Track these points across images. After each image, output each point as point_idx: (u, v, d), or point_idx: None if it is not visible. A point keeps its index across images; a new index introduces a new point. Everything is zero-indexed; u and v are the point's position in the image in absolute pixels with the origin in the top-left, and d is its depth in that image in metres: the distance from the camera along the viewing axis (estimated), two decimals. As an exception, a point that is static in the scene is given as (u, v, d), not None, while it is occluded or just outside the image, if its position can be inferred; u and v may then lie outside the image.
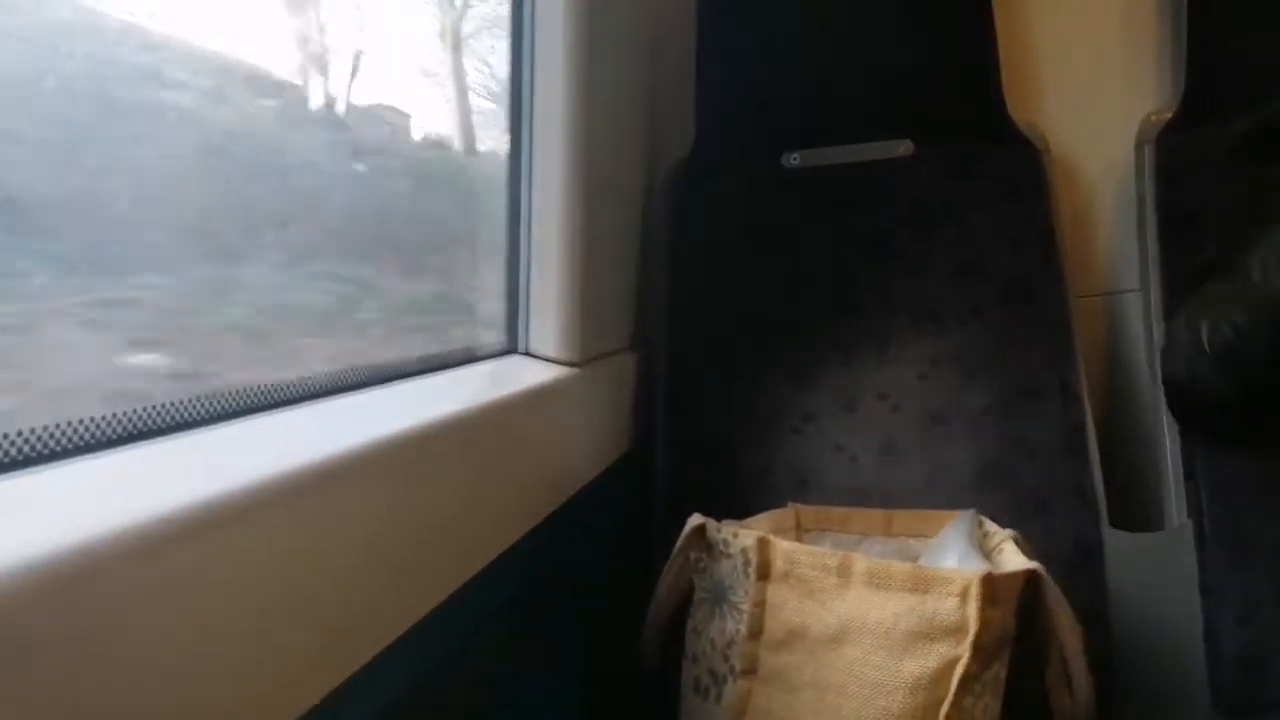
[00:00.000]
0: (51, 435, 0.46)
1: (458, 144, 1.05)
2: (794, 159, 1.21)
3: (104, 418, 0.50)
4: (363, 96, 0.80)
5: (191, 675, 0.42)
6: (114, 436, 0.50)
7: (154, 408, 0.53)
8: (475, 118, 1.04)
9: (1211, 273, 0.97)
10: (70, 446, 0.47)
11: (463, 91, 1.03)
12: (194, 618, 0.42)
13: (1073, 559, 1.04)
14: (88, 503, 0.41)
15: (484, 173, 1.04)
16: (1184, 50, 1.15)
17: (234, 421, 0.59)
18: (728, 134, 1.25)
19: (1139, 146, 1.16)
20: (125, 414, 0.51)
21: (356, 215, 0.78)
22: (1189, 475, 1.05)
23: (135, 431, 0.52)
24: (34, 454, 0.45)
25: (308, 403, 0.67)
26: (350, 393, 0.72)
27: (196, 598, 0.42)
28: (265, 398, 0.64)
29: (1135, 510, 1.10)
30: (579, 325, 1.02)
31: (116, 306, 0.54)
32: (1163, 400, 1.07)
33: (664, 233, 1.24)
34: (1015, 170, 1.16)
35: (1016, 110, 1.19)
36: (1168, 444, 1.07)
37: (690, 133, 1.26)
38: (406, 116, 0.92)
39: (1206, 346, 0.90)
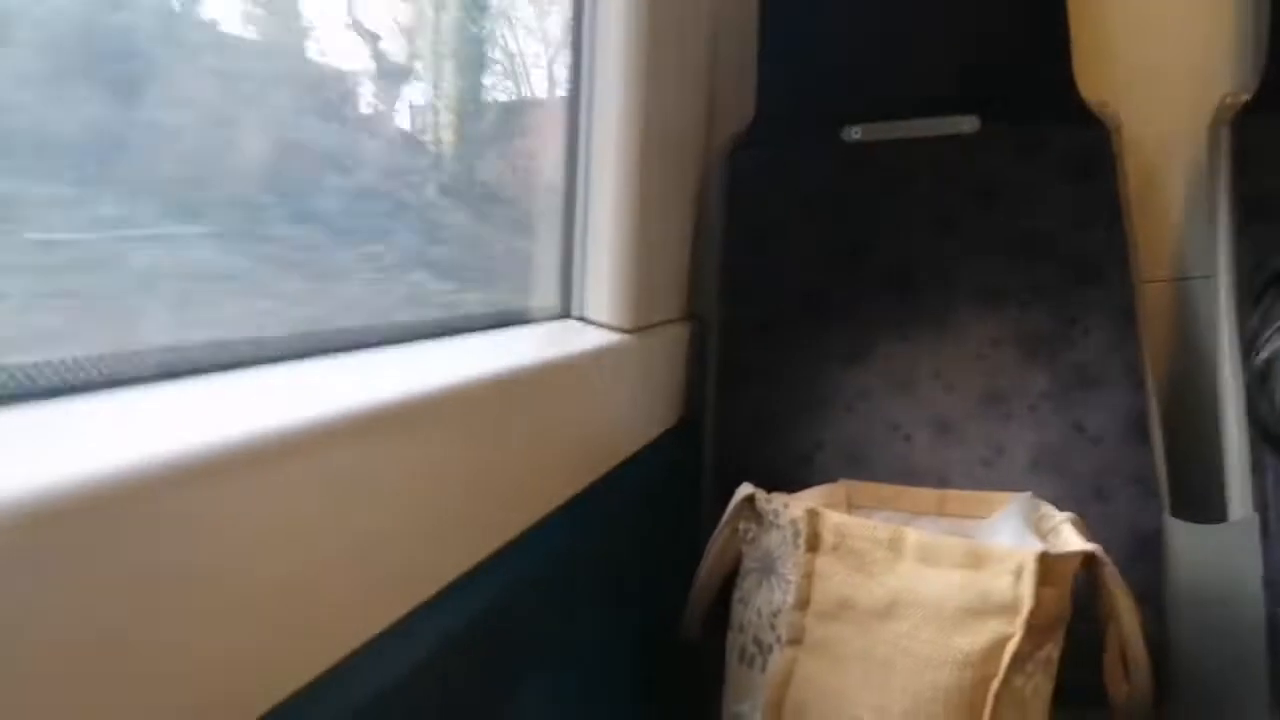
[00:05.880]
0: (116, 362, 0.47)
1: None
2: (855, 133, 1.19)
3: (165, 349, 0.50)
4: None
5: (229, 610, 0.42)
6: (180, 368, 0.51)
7: (210, 344, 0.54)
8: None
9: None
10: (134, 375, 0.48)
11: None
12: (233, 554, 0.42)
13: (1131, 548, 1.01)
14: (142, 431, 0.41)
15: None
16: (1265, 32, 1.12)
17: (290, 363, 0.59)
18: (788, 106, 1.23)
19: (1214, 128, 1.12)
20: (187, 347, 0.52)
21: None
22: (1256, 467, 1.01)
23: (198, 365, 0.52)
24: (104, 380, 0.46)
25: (362, 350, 0.67)
26: (401, 344, 0.72)
27: (235, 534, 0.42)
28: (321, 342, 0.64)
29: (1198, 500, 1.07)
30: (633, 292, 1.02)
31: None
32: (1229, 390, 1.04)
33: (721, 204, 1.23)
34: (1084, 149, 1.13)
35: (1087, 88, 1.16)
36: (1234, 434, 1.04)
37: (750, 104, 1.25)
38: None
39: None
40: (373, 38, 0.78)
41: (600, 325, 1.00)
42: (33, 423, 0.40)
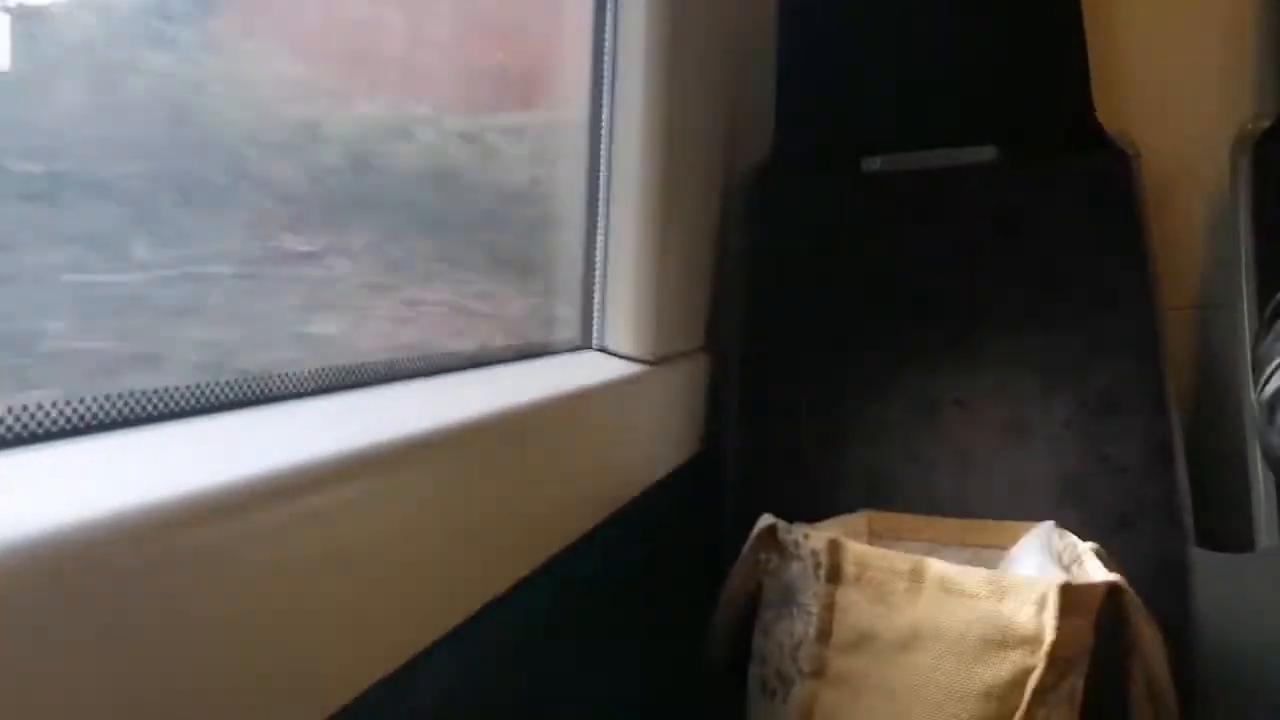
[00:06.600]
0: (151, 398, 0.48)
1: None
2: (875, 164, 1.20)
3: (200, 385, 0.51)
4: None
5: (260, 636, 0.43)
6: (212, 403, 0.52)
7: (245, 379, 0.55)
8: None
9: None
10: (168, 410, 0.49)
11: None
12: (260, 579, 0.42)
13: (1156, 578, 1.00)
14: (191, 462, 0.42)
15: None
16: None
17: (315, 398, 0.60)
18: (807, 138, 1.24)
19: (1235, 154, 1.12)
20: (221, 383, 0.53)
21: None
22: None
23: (229, 400, 0.53)
24: (137, 415, 0.47)
25: (387, 385, 0.68)
26: (426, 378, 0.73)
27: (257, 564, 0.42)
28: (346, 378, 0.65)
29: (1223, 530, 1.06)
30: (653, 323, 1.02)
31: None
32: (1253, 418, 1.03)
33: (741, 235, 1.24)
34: (1104, 177, 1.12)
35: (1106, 116, 1.16)
36: (1258, 462, 1.03)
37: (770, 136, 1.26)
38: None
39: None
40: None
41: (621, 357, 1.01)
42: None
